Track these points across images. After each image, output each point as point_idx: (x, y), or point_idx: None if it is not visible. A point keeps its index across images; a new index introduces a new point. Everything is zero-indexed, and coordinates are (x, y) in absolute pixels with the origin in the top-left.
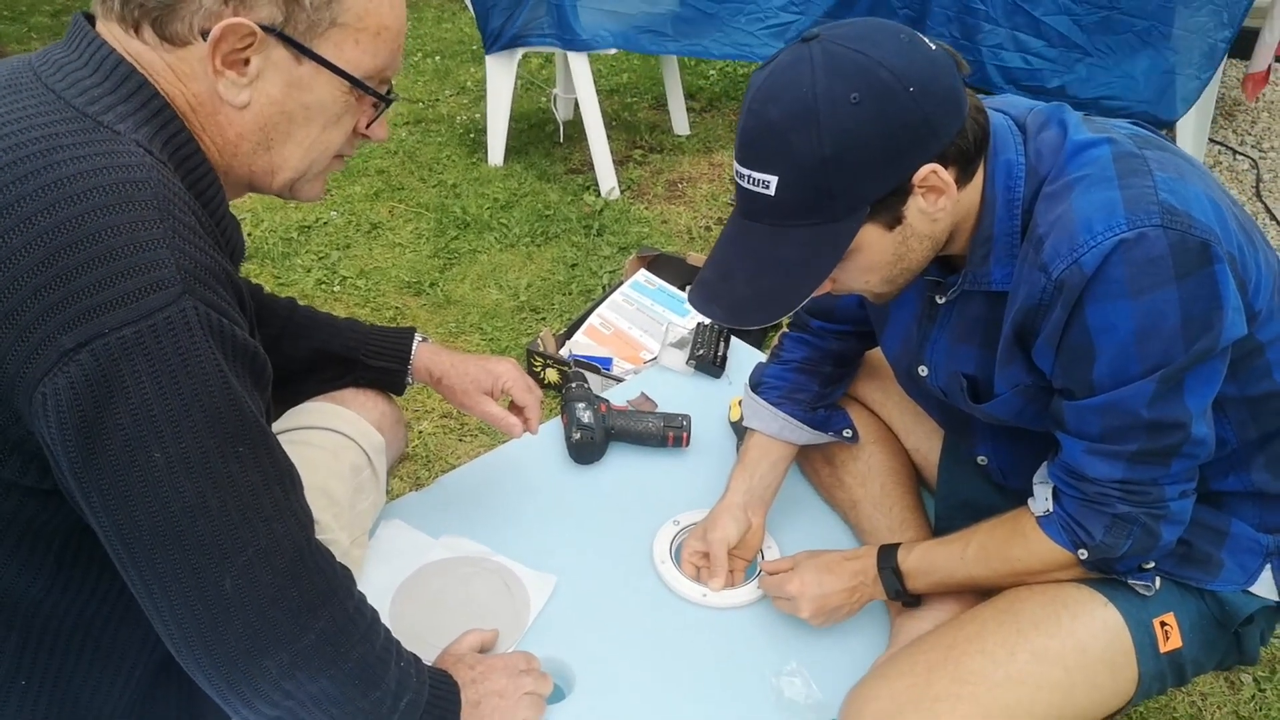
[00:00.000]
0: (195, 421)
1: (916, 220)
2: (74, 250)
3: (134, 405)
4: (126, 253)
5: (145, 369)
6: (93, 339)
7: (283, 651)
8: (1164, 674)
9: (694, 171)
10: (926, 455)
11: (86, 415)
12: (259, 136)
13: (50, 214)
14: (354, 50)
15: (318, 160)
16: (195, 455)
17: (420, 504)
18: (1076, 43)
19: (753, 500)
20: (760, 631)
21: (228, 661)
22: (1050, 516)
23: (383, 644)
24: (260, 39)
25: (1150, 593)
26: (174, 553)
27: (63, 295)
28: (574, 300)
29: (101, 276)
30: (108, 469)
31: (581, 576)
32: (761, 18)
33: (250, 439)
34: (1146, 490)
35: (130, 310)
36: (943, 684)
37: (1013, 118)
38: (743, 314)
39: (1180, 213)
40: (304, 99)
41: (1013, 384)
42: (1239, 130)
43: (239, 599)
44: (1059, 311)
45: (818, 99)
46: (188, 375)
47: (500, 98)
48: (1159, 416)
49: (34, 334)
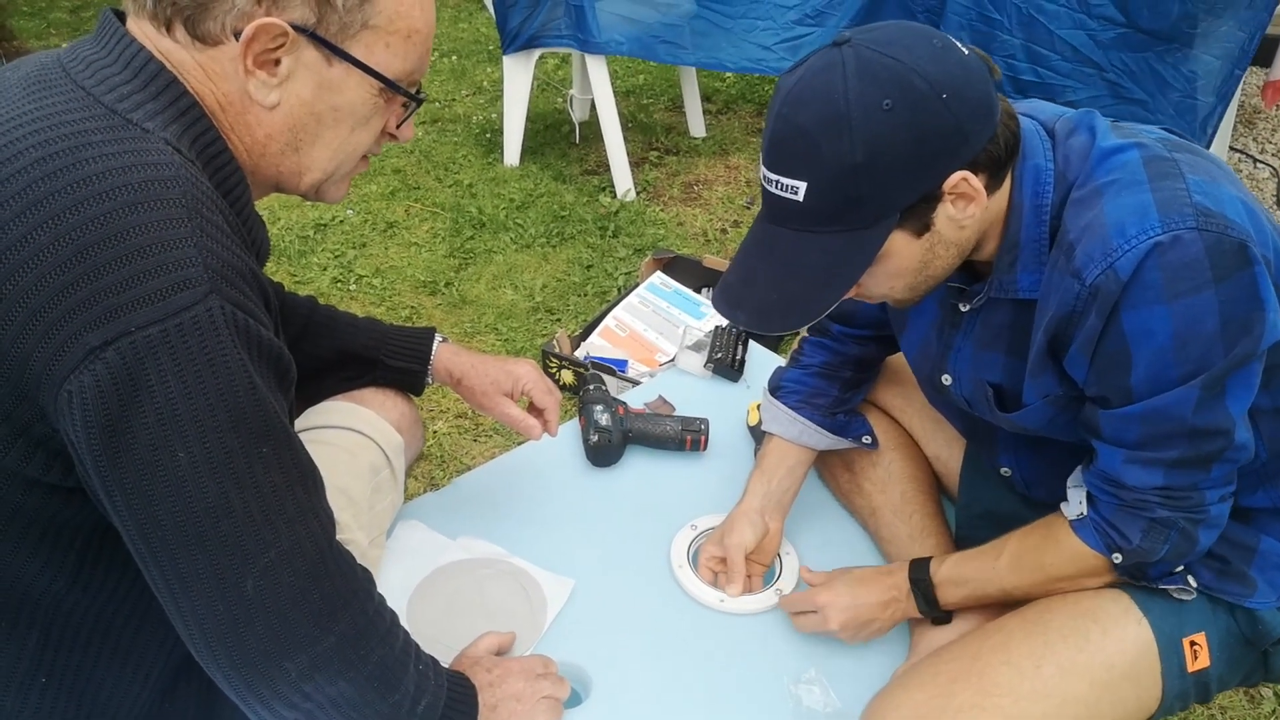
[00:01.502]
0: (220, 421)
1: (945, 227)
2: (101, 248)
3: (159, 404)
4: (154, 251)
5: (171, 367)
6: (119, 337)
7: (302, 654)
8: (1188, 693)
9: (710, 174)
10: (947, 463)
11: (112, 414)
12: (288, 137)
13: (78, 211)
14: (384, 53)
15: (345, 162)
16: (219, 455)
17: (437, 504)
18: (1092, 59)
19: (770, 505)
20: (778, 638)
21: (247, 663)
22: (1084, 520)
23: (401, 646)
24: (292, 39)
25: (1189, 597)
26: (196, 553)
27: (90, 293)
28: (589, 302)
29: (129, 274)
30: (131, 468)
31: (598, 580)
32: (776, 31)
33: (274, 439)
34: (1187, 495)
35: (157, 309)
36: (966, 695)
37: (1041, 123)
38: (768, 320)
39: (1215, 214)
40: (334, 100)
41: (1043, 394)
42: (1259, 138)
43: (260, 601)
44: (1094, 318)
45: (850, 105)
46: (213, 374)
47: (517, 98)
48: (1204, 423)
49: (60, 331)
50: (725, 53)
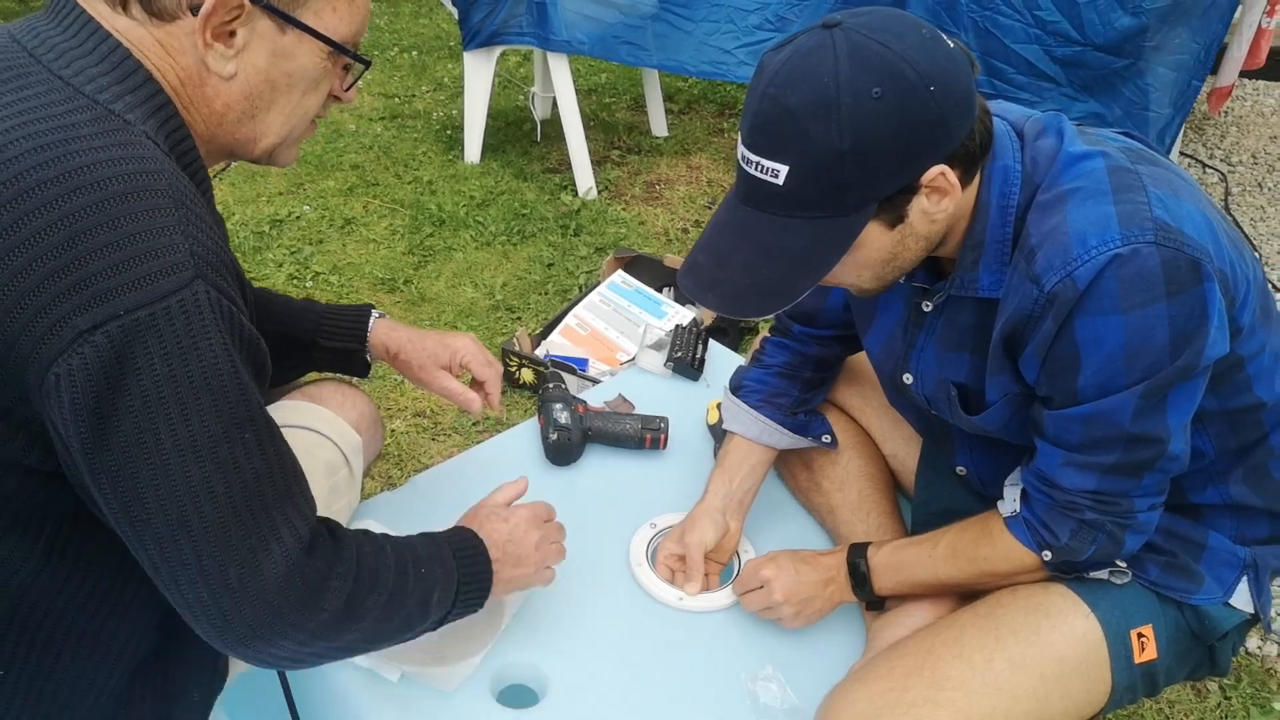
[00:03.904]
0: (204, 405)
1: (917, 220)
2: (92, 235)
3: (145, 387)
4: (143, 238)
5: (158, 350)
6: (108, 320)
7: (296, 632)
8: (1136, 685)
9: (672, 173)
10: (904, 461)
11: (99, 396)
12: (244, 106)
13: (69, 200)
14: (332, 18)
15: (297, 126)
16: (203, 439)
17: (394, 503)
18: (1047, 72)
19: (731, 504)
20: (736, 636)
21: (242, 642)
22: (1016, 517)
23: (395, 578)
24: (248, 11)
25: (1125, 580)
26: (180, 539)
27: (79, 278)
28: (550, 300)
29: (118, 260)
30: (118, 451)
31: (556, 578)
32: (737, 35)
33: (256, 426)
34: (1116, 501)
35: (145, 293)
36: (920, 689)
37: (1011, 123)
38: (741, 304)
39: (1173, 230)
40: (287, 67)
41: (1002, 393)
42: (1209, 144)
43: (243, 589)
44: (1049, 324)
45: (840, 89)
46: (198, 358)
47: (478, 95)
48: (1141, 431)
49: (49, 315)
50: (686, 56)
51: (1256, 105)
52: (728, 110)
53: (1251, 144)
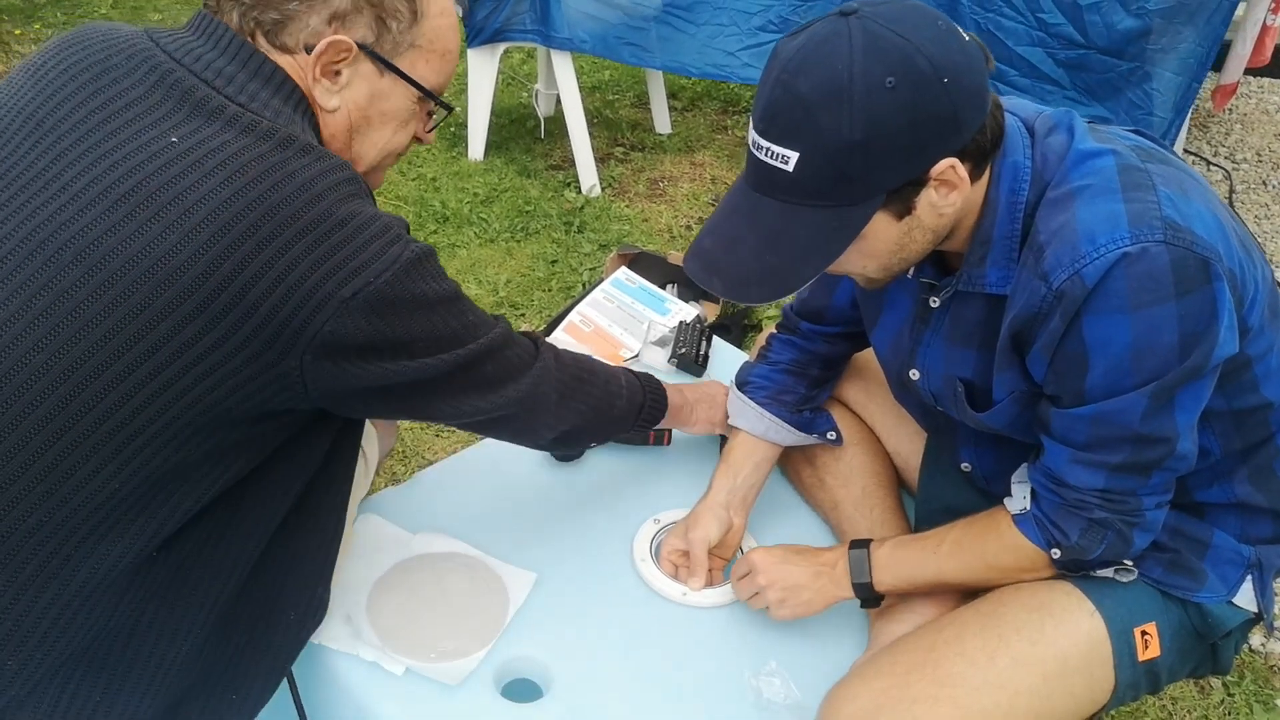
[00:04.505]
0: (442, 318)
1: (925, 213)
2: (334, 232)
3: (402, 320)
4: (369, 226)
5: (405, 295)
6: (363, 288)
7: (552, 429)
8: (1139, 682)
9: (675, 171)
10: (908, 458)
11: (370, 336)
12: (345, 137)
13: (308, 210)
14: (425, 68)
15: (387, 158)
16: (433, 360)
17: (398, 499)
18: (1050, 75)
19: (735, 500)
20: (739, 632)
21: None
22: (1026, 515)
23: (601, 388)
24: (354, 54)
25: (1130, 577)
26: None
27: (332, 265)
28: (554, 297)
29: (358, 245)
30: (378, 374)
31: (561, 574)
32: (740, 38)
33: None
34: (1125, 500)
35: (384, 262)
36: (921, 686)
37: (1022, 120)
38: (745, 289)
39: (1183, 229)
40: (383, 106)
41: (1009, 390)
42: (1213, 141)
43: (496, 426)
44: (1056, 321)
45: (853, 79)
46: (433, 290)
47: (481, 92)
48: (1149, 431)
49: (313, 299)
50: (689, 58)
51: (1261, 103)
52: (731, 107)
53: (1256, 142)
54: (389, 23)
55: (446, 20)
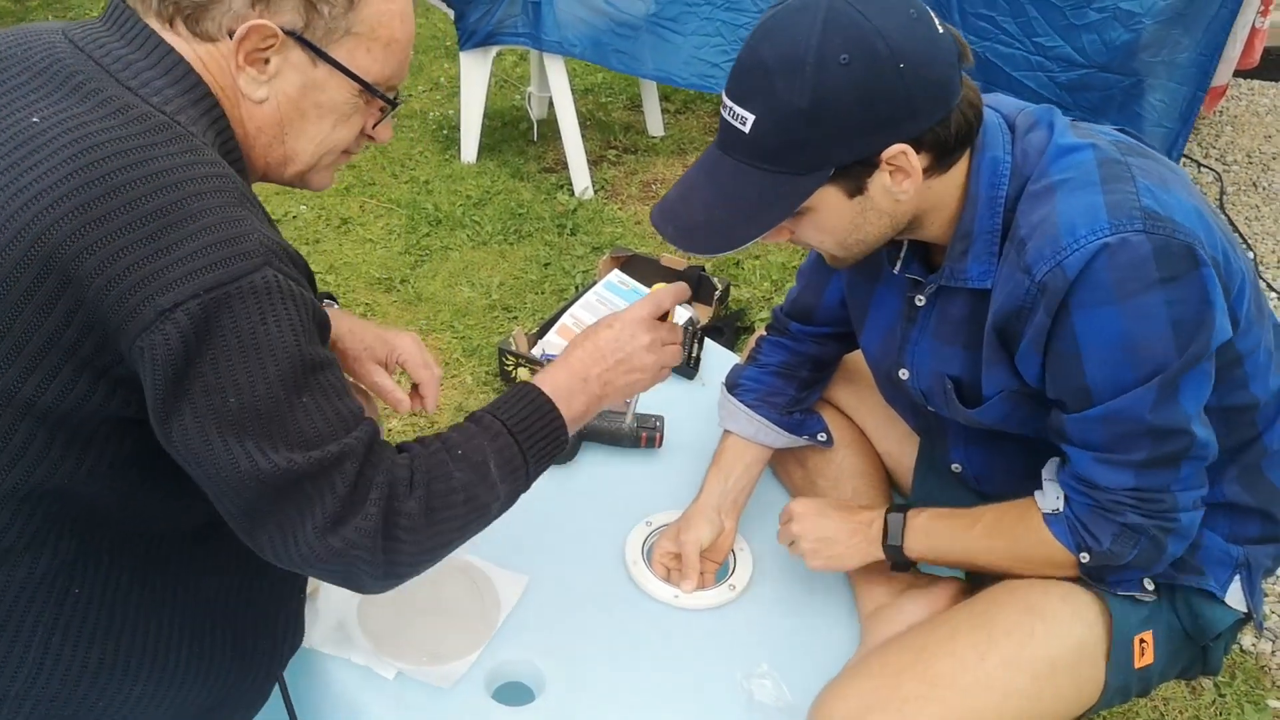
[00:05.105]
0: (269, 373)
1: (879, 196)
2: (175, 228)
3: (215, 357)
4: (219, 229)
5: (230, 326)
6: (188, 299)
7: (375, 571)
8: (1130, 687)
9: (668, 173)
10: (899, 459)
11: (177, 365)
12: (275, 130)
13: (155, 197)
14: (365, 58)
15: (327, 155)
16: (266, 403)
17: None
18: (1052, 99)
19: (726, 503)
20: (731, 634)
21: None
22: (1059, 515)
23: (465, 475)
24: (281, 41)
25: (1150, 599)
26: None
27: (164, 264)
28: (546, 299)
29: (197, 248)
30: (189, 412)
31: (552, 577)
32: (726, 49)
33: (312, 391)
34: (1159, 498)
35: (221, 274)
36: (913, 685)
37: (1003, 115)
38: (690, 240)
39: (1163, 218)
40: (318, 98)
41: (999, 388)
42: (1204, 143)
43: (287, 551)
44: (1041, 314)
45: (809, 50)
46: (265, 332)
47: (474, 94)
48: (1161, 422)
49: (137, 295)
50: (676, 67)
51: (1251, 105)
52: None
53: (1246, 143)
54: (320, 7)
55: (391, 6)
